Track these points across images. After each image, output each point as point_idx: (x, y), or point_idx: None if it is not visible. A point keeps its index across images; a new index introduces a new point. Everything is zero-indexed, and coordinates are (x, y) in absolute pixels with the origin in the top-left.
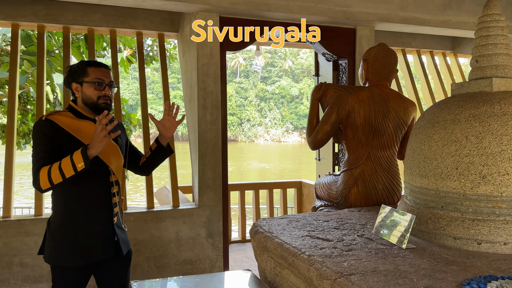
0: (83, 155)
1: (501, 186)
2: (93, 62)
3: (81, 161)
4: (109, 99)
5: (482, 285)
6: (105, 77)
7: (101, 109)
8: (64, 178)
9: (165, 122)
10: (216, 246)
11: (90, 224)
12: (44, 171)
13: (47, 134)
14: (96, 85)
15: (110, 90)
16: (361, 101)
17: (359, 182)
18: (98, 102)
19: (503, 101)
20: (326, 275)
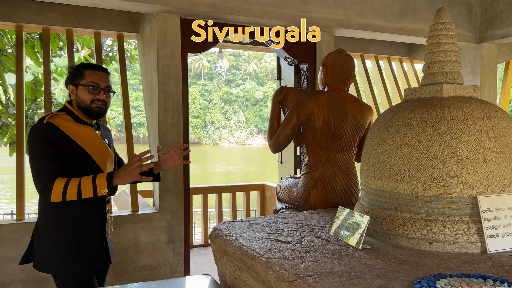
0: (108, 182)
1: (451, 187)
2: (92, 65)
3: (105, 188)
4: (104, 104)
5: (432, 283)
6: (101, 81)
7: (93, 114)
8: (80, 198)
9: (168, 157)
10: (177, 251)
11: (87, 230)
12: (60, 185)
13: (50, 140)
14: (90, 88)
15: (105, 95)
16: (321, 105)
17: (319, 184)
18: (91, 106)
19: (452, 106)
20: (283, 278)
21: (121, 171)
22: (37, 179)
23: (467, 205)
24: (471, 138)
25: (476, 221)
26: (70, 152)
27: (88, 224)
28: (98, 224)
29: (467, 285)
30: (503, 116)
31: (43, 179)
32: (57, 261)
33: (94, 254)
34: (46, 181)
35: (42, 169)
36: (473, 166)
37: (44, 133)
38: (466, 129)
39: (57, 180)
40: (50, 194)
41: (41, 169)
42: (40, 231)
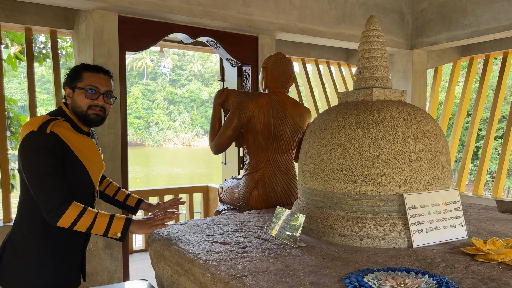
0: (125, 227)
1: (379, 186)
2: (92, 67)
3: (119, 231)
4: (103, 110)
5: (360, 278)
6: (101, 85)
7: (89, 121)
8: (88, 231)
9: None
10: (115, 257)
11: (70, 251)
12: (74, 212)
13: (55, 153)
14: (88, 92)
15: (105, 100)
16: (261, 107)
17: (260, 185)
18: (87, 113)
19: (381, 109)
20: (219, 279)
21: (142, 220)
22: (45, 196)
23: (395, 202)
24: (397, 139)
25: (403, 218)
26: (69, 166)
27: (72, 244)
28: (81, 243)
29: (392, 278)
30: (427, 118)
31: (54, 199)
32: (35, 281)
33: (74, 276)
34: (58, 202)
35: (53, 187)
36: (400, 165)
37: (47, 145)
38: (393, 131)
39: (72, 205)
40: (60, 217)
41: (52, 187)
42: (17, 246)
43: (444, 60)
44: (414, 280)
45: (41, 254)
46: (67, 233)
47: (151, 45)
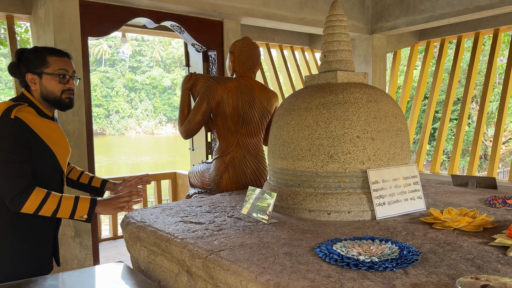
0: (91, 208)
1: (345, 163)
2: (54, 50)
3: (85, 213)
4: (73, 92)
5: (329, 247)
6: (68, 67)
7: (64, 105)
8: (54, 215)
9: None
10: (84, 245)
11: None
12: (38, 197)
13: (20, 138)
14: (60, 78)
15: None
16: (229, 91)
17: (230, 168)
18: (61, 98)
19: (345, 91)
20: (198, 254)
21: (107, 200)
22: (8, 184)
23: (359, 178)
24: (361, 119)
25: (367, 192)
26: (35, 151)
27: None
28: (52, 229)
29: (358, 246)
30: (387, 99)
31: (18, 185)
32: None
33: (47, 262)
34: (21, 188)
35: (17, 174)
36: (363, 144)
37: (12, 131)
38: (357, 111)
39: (35, 190)
40: (24, 203)
41: (16, 174)
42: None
43: (403, 44)
44: (379, 247)
45: (14, 242)
46: (39, 220)
47: (114, 30)
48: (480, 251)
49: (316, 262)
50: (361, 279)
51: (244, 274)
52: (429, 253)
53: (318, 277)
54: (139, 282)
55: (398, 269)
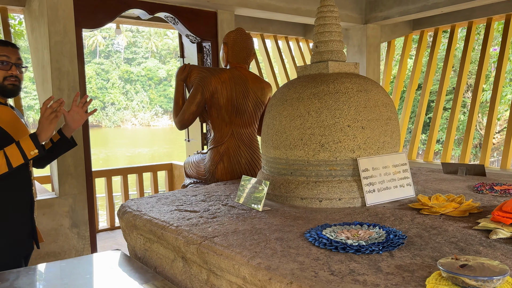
0: (34, 141)
1: (336, 152)
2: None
3: (33, 148)
4: (18, 80)
5: (319, 231)
6: (11, 54)
7: (7, 92)
8: (11, 168)
9: (74, 114)
10: (82, 235)
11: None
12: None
13: None
14: (1, 64)
15: (18, 70)
16: (223, 82)
17: (225, 158)
18: (4, 84)
19: (336, 81)
20: (192, 241)
21: (39, 125)
22: None
23: (349, 166)
24: (351, 108)
25: (357, 180)
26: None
27: (16, 208)
28: (26, 208)
29: (347, 231)
30: (377, 89)
31: None
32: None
33: (26, 243)
34: None
35: None
36: (354, 132)
37: None
38: (348, 101)
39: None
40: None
41: None
42: None
43: (396, 34)
44: (366, 231)
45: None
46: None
47: (108, 21)
48: (464, 235)
49: (306, 246)
50: (348, 261)
51: (237, 258)
52: (415, 237)
53: (307, 260)
54: (136, 268)
55: (384, 252)
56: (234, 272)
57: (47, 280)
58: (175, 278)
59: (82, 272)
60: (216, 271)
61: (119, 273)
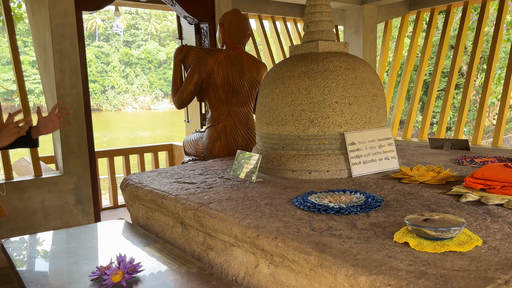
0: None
1: (324, 127)
2: None
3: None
4: None
5: (305, 197)
6: None
7: None
8: None
9: (49, 122)
10: (86, 211)
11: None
12: None
13: None
14: None
15: None
16: (220, 62)
17: (222, 136)
18: None
19: (325, 60)
20: (189, 207)
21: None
22: None
23: (337, 140)
24: (339, 86)
25: (344, 153)
26: None
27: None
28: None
29: (330, 196)
30: (365, 67)
31: None
32: None
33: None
34: None
35: None
36: (341, 109)
37: None
38: (336, 78)
39: None
40: None
41: None
42: None
43: (393, 14)
44: (348, 197)
45: None
46: None
47: (108, 3)
48: (437, 199)
49: (292, 209)
50: (328, 220)
51: (229, 220)
52: (392, 201)
53: (291, 220)
54: (139, 234)
55: (362, 213)
56: (227, 232)
57: (57, 244)
58: (175, 242)
59: (88, 238)
60: (211, 232)
61: (123, 238)
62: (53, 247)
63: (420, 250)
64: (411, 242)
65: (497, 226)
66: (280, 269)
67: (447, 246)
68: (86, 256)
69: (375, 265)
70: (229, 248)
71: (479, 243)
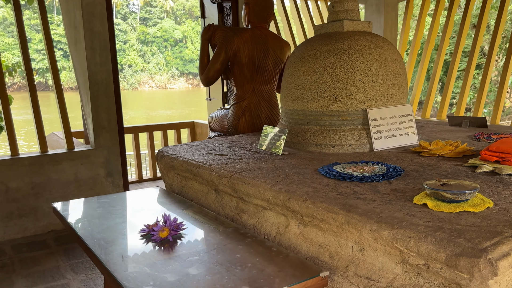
0: None
1: (348, 103)
2: None
3: None
4: None
5: (330, 167)
6: None
7: None
8: None
9: None
10: (116, 184)
11: None
12: None
13: None
14: None
15: None
16: (245, 41)
17: (246, 113)
18: None
19: (350, 38)
20: (224, 175)
21: None
22: None
23: (360, 116)
24: (363, 64)
25: (366, 128)
26: None
27: None
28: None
29: (354, 167)
30: (388, 46)
31: None
32: None
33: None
34: None
35: None
36: (364, 86)
37: None
38: (360, 57)
39: None
40: None
41: None
42: None
43: None
44: (370, 167)
45: None
46: None
47: None
48: (454, 170)
49: (319, 177)
50: (352, 187)
51: (262, 185)
52: (411, 172)
53: (319, 186)
54: (176, 199)
55: (383, 181)
56: (259, 196)
57: (103, 207)
58: (209, 207)
59: (130, 202)
60: (244, 197)
61: (163, 202)
62: (100, 209)
63: (437, 210)
64: (429, 203)
65: (508, 192)
66: (309, 228)
67: (461, 207)
68: (132, 217)
69: (397, 221)
70: (261, 211)
71: (490, 205)
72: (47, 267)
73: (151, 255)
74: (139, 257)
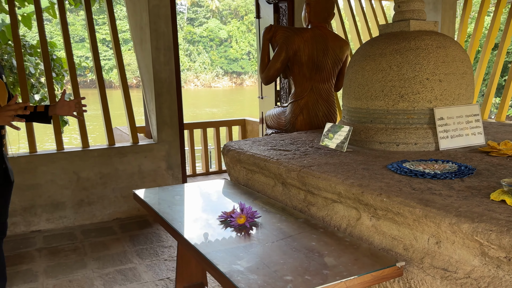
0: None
1: (414, 102)
2: None
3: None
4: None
5: (400, 164)
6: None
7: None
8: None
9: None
10: (175, 176)
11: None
12: None
13: None
14: None
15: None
16: (306, 41)
17: (304, 111)
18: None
19: (417, 38)
20: (292, 169)
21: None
22: None
23: (426, 115)
24: (430, 63)
25: (432, 127)
26: None
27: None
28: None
29: (424, 164)
30: (455, 45)
31: None
32: None
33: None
34: None
35: None
36: (431, 85)
37: None
38: (427, 56)
39: None
40: None
41: None
42: None
43: None
44: (441, 165)
45: None
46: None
47: None
48: None
49: (389, 174)
50: (426, 183)
51: (333, 179)
52: (483, 170)
53: (391, 181)
54: (243, 190)
55: (456, 178)
56: (330, 189)
57: (180, 195)
58: (276, 199)
59: (202, 191)
60: (313, 190)
61: (231, 193)
62: (177, 197)
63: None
64: (508, 200)
65: None
66: (383, 221)
67: None
68: (207, 204)
69: (476, 215)
70: (330, 204)
71: None
72: (115, 252)
73: (232, 239)
74: (221, 240)
